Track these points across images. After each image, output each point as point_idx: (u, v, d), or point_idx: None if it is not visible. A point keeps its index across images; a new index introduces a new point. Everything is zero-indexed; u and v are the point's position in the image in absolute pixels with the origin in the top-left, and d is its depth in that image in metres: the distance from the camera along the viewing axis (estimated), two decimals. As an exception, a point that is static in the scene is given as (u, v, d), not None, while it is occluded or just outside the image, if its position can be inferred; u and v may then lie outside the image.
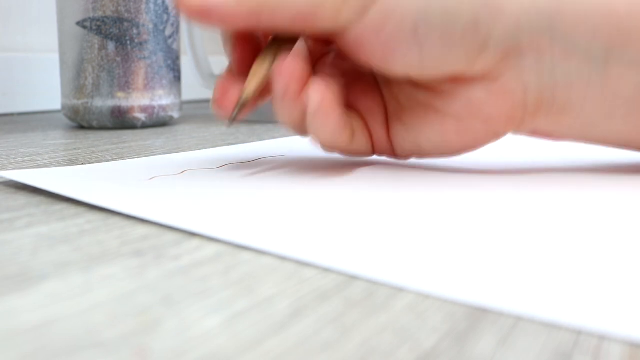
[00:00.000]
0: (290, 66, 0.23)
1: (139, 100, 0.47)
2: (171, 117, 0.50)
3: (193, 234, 0.18)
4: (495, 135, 0.26)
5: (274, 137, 0.41)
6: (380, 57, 0.24)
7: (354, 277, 0.15)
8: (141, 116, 0.47)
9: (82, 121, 0.47)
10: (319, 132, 0.24)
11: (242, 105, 0.25)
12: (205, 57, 0.57)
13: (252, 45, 0.26)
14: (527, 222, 0.19)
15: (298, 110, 0.24)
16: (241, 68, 0.26)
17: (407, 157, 0.28)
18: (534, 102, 0.25)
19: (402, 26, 0.23)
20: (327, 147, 0.26)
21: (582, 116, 0.25)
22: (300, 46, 0.25)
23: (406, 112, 0.26)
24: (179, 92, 0.50)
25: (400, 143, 0.27)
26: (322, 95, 0.23)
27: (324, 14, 0.23)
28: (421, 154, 0.27)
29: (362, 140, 0.27)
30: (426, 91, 0.26)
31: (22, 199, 0.22)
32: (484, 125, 0.25)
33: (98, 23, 0.45)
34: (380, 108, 0.27)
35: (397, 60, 0.24)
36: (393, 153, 0.28)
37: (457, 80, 0.24)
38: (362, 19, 0.23)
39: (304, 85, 0.23)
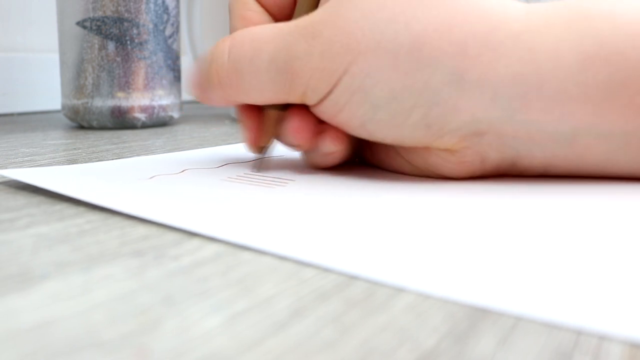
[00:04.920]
0: (299, 127, 0.25)
1: (139, 100, 0.47)
2: (171, 117, 0.50)
3: (193, 234, 0.18)
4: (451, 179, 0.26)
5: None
6: (341, 127, 0.25)
7: (354, 277, 0.15)
8: (141, 116, 0.47)
9: (82, 121, 0.47)
10: (322, 165, 0.27)
11: (264, 151, 0.27)
12: (205, 57, 0.57)
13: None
14: (527, 223, 0.19)
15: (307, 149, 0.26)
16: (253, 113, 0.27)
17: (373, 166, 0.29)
18: (492, 168, 0.25)
19: (351, 121, 0.24)
20: (317, 167, 0.28)
21: (544, 174, 0.25)
22: None
23: (372, 142, 0.27)
24: (179, 92, 0.50)
25: (366, 159, 0.29)
26: (335, 147, 0.25)
27: (290, 100, 0.24)
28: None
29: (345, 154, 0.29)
30: None
31: (22, 199, 0.22)
32: (440, 176, 0.25)
33: (98, 23, 0.45)
34: (354, 140, 0.28)
35: (354, 133, 0.25)
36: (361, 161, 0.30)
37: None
38: (320, 105, 0.24)
39: (315, 134, 0.25)
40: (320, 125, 0.25)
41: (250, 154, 0.32)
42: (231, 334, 0.12)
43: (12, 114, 0.60)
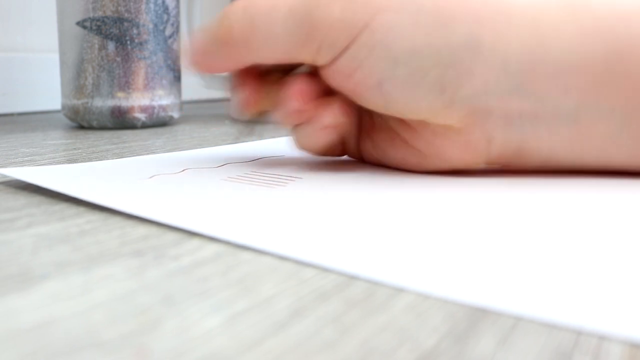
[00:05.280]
0: (301, 90, 0.25)
1: (139, 100, 0.47)
2: (171, 117, 0.50)
3: (193, 234, 0.18)
4: (458, 169, 0.26)
5: (274, 137, 0.41)
6: (351, 94, 0.25)
7: (354, 277, 0.15)
8: (141, 116, 0.47)
9: (82, 121, 0.47)
10: (313, 145, 0.27)
11: (256, 117, 0.27)
12: (205, 57, 0.57)
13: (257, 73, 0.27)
14: (527, 222, 0.19)
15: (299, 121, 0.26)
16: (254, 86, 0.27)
17: (373, 164, 0.29)
18: (498, 152, 0.25)
19: (368, 79, 0.24)
20: (307, 151, 0.28)
21: (550, 160, 0.25)
22: (305, 68, 0.26)
23: (376, 131, 0.27)
24: (179, 92, 0.50)
25: (367, 154, 0.29)
26: (336, 119, 0.25)
27: (302, 58, 0.24)
28: (386, 166, 0.28)
29: (336, 147, 0.29)
30: (396, 120, 0.26)
31: (22, 198, 0.22)
32: (445, 163, 0.25)
33: (98, 23, 0.45)
34: (354, 120, 0.28)
35: (364, 100, 0.25)
36: (361, 159, 0.29)
37: (423, 123, 0.25)
38: (334, 64, 0.24)
39: (317, 104, 0.25)
40: (323, 98, 0.25)
41: (249, 154, 0.32)
42: (231, 334, 0.12)
43: (12, 114, 0.60)
